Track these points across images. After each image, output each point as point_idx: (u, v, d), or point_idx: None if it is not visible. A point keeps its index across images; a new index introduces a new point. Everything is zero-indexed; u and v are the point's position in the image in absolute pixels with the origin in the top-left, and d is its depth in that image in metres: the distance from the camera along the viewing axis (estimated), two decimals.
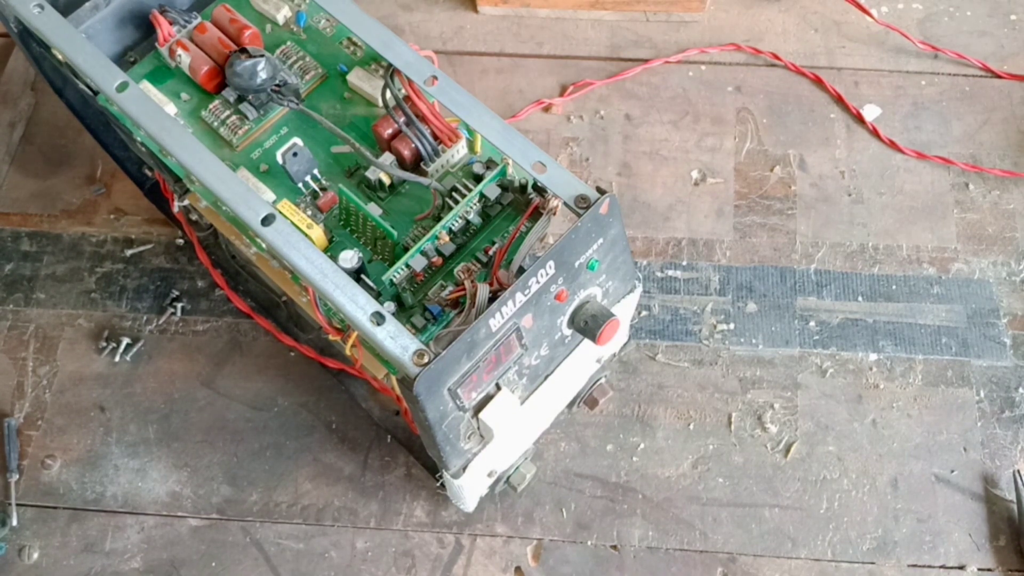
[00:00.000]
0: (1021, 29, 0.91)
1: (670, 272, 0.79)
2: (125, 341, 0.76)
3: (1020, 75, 0.87)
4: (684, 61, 0.89)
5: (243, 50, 0.56)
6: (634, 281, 0.58)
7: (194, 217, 0.72)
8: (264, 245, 0.50)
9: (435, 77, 0.53)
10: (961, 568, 0.68)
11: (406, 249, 0.52)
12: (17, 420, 0.74)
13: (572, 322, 0.53)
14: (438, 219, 0.53)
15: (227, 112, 0.57)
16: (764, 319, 0.77)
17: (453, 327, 0.49)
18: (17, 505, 0.71)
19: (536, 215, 0.52)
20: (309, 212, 0.55)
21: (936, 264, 0.79)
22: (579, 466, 0.72)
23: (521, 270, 0.50)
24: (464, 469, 0.56)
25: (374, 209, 0.54)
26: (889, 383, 0.74)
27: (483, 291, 0.49)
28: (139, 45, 0.61)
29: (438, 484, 0.70)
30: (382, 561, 0.69)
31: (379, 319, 0.47)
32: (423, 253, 0.51)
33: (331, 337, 0.57)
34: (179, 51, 0.58)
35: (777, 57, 0.89)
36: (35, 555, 0.69)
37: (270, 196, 0.55)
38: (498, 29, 0.92)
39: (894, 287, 0.78)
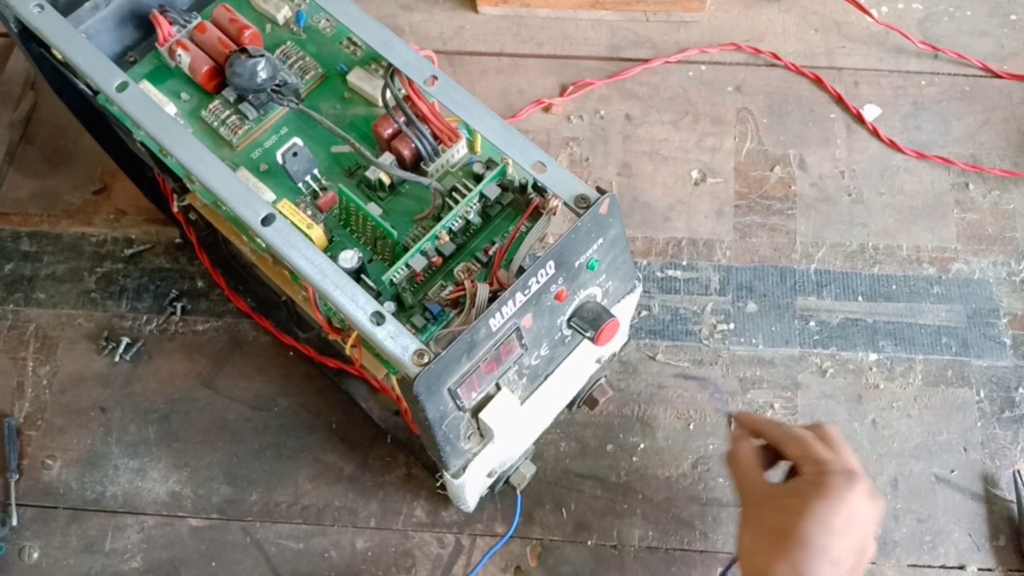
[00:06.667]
0: (1021, 29, 0.91)
1: (670, 272, 0.79)
2: (125, 341, 0.76)
3: (1020, 75, 0.87)
4: (684, 61, 0.89)
5: (243, 50, 0.56)
6: (634, 281, 0.58)
7: (194, 217, 0.72)
8: (264, 245, 0.50)
9: (435, 77, 0.53)
10: (961, 568, 0.68)
11: (406, 249, 0.52)
12: (17, 420, 0.74)
13: (572, 322, 0.53)
14: (438, 219, 0.53)
15: (227, 112, 0.57)
16: (764, 319, 0.77)
17: (453, 327, 0.49)
18: (17, 505, 0.71)
19: (536, 215, 0.52)
20: (309, 212, 0.55)
21: (936, 264, 0.79)
22: (579, 466, 0.72)
23: (521, 270, 0.50)
24: (464, 469, 0.56)
25: (374, 209, 0.54)
26: (889, 383, 0.75)
27: (483, 291, 0.49)
28: (139, 45, 0.61)
29: (438, 484, 0.70)
30: (382, 561, 0.69)
31: (379, 319, 0.47)
32: (423, 253, 0.51)
33: (331, 337, 0.57)
34: (179, 51, 0.58)
35: (777, 57, 0.89)
36: (35, 555, 0.69)
37: (270, 196, 0.55)
38: (498, 29, 0.92)
39: (894, 287, 0.78)
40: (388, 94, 0.55)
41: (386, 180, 0.55)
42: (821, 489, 0.52)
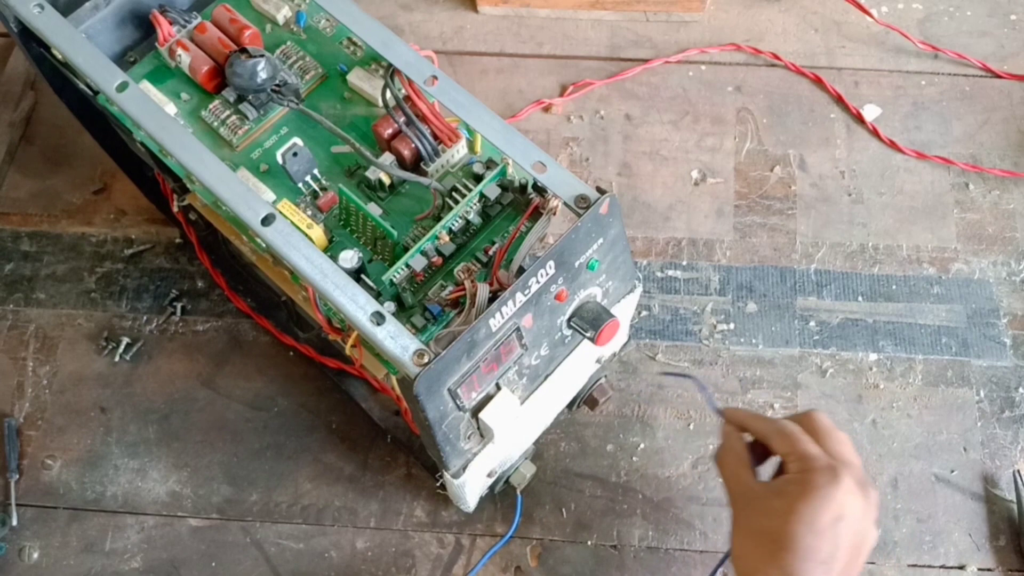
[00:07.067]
0: (1021, 29, 0.91)
1: (670, 272, 0.79)
2: (125, 341, 0.76)
3: (1020, 75, 0.87)
4: (684, 61, 0.89)
5: (243, 50, 0.56)
6: (634, 281, 0.58)
7: (194, 217, 0.72)
8: (264, 245, 0.50)
9: (435, 77, 0.53)
10: (961, 568, 0.68)
11: (406, 249, 0.52)
12: (17, 420, 0.74)
13: (572, 322, 0.53)
14: (438, 219, 0.53)
15: (227, 112, 0.57)
16: (764, 319, 0.77)
17: (453, 327, 0.49)
18: (17, 505, 0.71)
19: (536, 215, 0.52)
20: (309, 212, 0.55)
21: (936, 264, 0.79)
22: (579, 466, 0.72)
23: (521, 270, 0.50)
24: (464, 469, 0.56)
25: (374, 209, 0.54)
26: (889, 383, 0.75)
27: (483, 291, 0.49)
28: (139, 45, 0.61)
29: (438, 484, 0.70)
30: (382, 561, 0.69)
31: (379, 319, 0.47)
32: (423, 253, 0.51)
33: (331, 337, 0.57)
34: (179, 51, 0.58)
35: (777, 57, 0.89)
36: (35, 555, 0.69)
37: (270, 196, 0.55)
38: (498, 29, 0.92)
39: (894, 287, 0.78)
40: (388, 94, 0.55)
41: (386, 180, 0.55)
42: (805, 488, 0.51)
